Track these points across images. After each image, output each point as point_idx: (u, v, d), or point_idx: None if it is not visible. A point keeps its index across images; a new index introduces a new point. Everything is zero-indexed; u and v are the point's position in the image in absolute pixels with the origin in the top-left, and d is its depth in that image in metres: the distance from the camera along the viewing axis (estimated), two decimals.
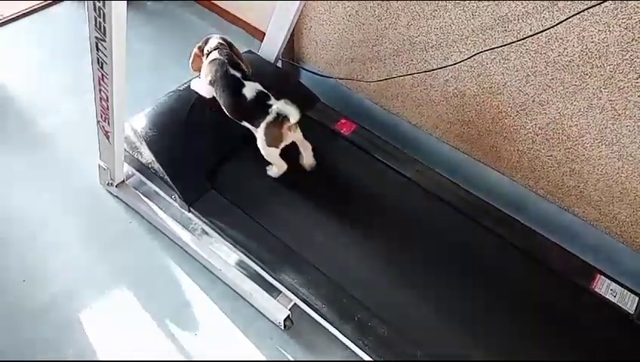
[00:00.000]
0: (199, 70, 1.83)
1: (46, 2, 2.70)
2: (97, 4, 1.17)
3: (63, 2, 2.73)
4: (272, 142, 1.69)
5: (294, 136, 1.73)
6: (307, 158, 1.82)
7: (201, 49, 1.82)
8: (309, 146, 1.80)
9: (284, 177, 1.81)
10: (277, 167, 1.78)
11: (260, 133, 1.69)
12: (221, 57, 1.74)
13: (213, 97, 1.79)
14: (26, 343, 1.58)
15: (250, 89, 1.70)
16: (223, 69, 1.72)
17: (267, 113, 1.65)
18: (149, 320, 1.67)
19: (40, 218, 1.89)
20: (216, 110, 1.78)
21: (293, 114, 1.63)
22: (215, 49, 1.77)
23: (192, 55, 1.85)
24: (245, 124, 1.74)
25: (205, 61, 1.78)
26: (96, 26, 1.24)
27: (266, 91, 1.72)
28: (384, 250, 1.69)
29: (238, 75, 1.73)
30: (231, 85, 1.71)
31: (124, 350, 1.60)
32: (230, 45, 1.83)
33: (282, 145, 1.72)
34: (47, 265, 1.77)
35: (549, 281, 1.66)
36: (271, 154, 1.73)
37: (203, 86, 1.83)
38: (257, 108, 1.67)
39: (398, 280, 1.62)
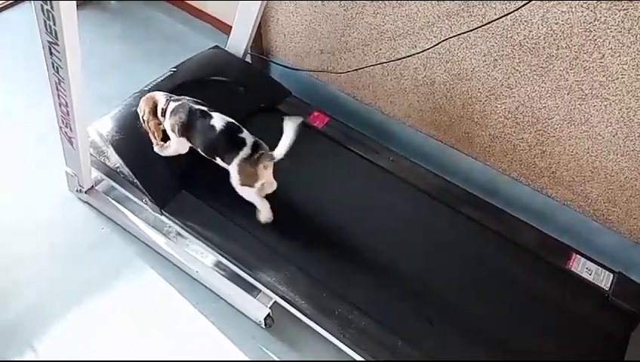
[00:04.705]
0: (166, 137, 1.69)
1: (1, 5, 2.60)
2: (45, 6, 1.12)
3: (17, 5, 2.63)
4: (245, 180, 1.56)
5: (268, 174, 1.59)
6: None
7: (154, 114, 1.66)
8: (274, 185, 1.65)
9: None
10: (262, 209, 1.63)
11: (232, 171, 1.57)
12: (181, 101, 1.62)
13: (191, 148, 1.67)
14: None
15: (218, 120, 1.57)
16: (187, 108, 1.60)
17: (239, 148, 1.53)
18: (128, 327, 1.64)
19: (9, 229, 1.83)
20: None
21: (271, 154, 1.51)
22: (169, 100, 1.63)
23: (151, 129, 1.67)
24: (218, 161, 1.60)
25: (167, 118, 1.63)
26: (46, 29, 1.19)
27: (236, 123, 1.59)
28: (361, 241, 1.69)
29: (203, 107, 1.61)
30: (200, 120, 1.58)
31: (104, 358, 1.56)
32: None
33: (259, 185, 1.58)
34: (19, 277, 1.71)
35: (526, 262, 1.68)
36: (248, 194, 1.59)
37: (175, 144, 1.67)
38: (228, 142, 1.55)
39: (375, 270, 1.62)
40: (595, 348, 1.52)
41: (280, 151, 1.50)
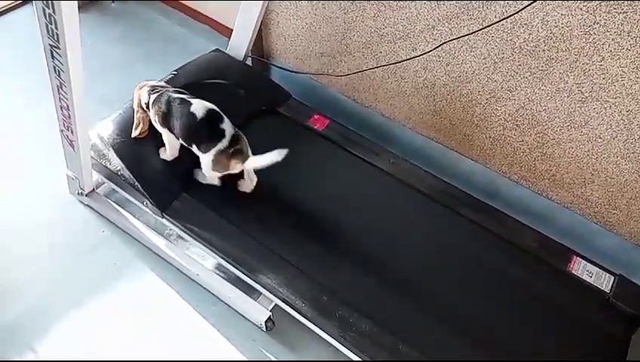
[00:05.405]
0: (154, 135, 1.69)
1: (5, 7, 2.61)
2: (47, 10, 1.13)
3: (22, 7, 2.64)
4: (218, 168, 1.59)
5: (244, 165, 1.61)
6: (247, 184, 1.71)
7: (141, 108, 1.67)
8: (255, 179, 1.71)
9: (257, 175, 1.79)
10: (209, 177, 1.67)
11: (206, 159, 1.57)
12: (160, 92, 1.61)
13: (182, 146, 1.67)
14: None
15: (198, 107, 1.56)
16: (165, 97, 1.59)
17: (218, 139, 1.53)
18: (128, 329, 1.64)
19: (9, 229, 1.83)
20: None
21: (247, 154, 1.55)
22: (150, 93, 1.63)
23: (136, 121, 1.68)
24: (194, 148, 1.60)
25: (151, 112, 1.63)
26: (48, 33, 1.19)
27: (218, 111, 1.58)
28: (362, 243, 1.69)
29: (182, 95, 1.59)
30: (178, 107, 1.57)
31: (104, 359, 1.57)
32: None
33: (226, 173, 1.63)
34: (19, 277, 1.71)
35: (527, 265, 1.68)
36: (212, 178, 1.66)
37: (164, 136, 1.66)
38: (207, 131, 1.54)
39: (376, 273, 1.62)
40: (596, 350, 1.52)
41: (259, 161, 1.53)
